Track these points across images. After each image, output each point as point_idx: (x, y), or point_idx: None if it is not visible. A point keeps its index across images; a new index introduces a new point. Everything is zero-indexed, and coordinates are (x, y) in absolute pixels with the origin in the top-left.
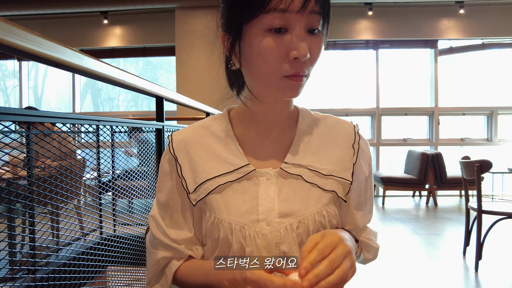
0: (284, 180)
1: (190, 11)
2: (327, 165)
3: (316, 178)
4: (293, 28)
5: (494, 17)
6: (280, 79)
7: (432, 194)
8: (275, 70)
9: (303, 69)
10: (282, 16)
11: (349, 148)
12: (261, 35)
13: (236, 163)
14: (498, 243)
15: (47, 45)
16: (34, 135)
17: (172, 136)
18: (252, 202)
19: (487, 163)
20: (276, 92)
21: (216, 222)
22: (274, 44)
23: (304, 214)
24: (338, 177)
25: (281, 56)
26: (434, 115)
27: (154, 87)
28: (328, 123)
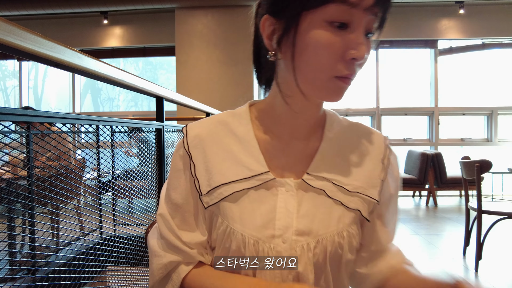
0: (304, 193)
1: (190, 11)
2: (353, 181)
3: (340, 194)
4: (355, 26)
5: (494, 17)
6: (330, 79)
7: (432, 194)
8: (328, 68)
9: (355, 70)
10: (349, 11)
11: (378, 162)
12: (321, 27)
13: (255, 169)
14: (498, 243)
15: (47, 45)
16: (34, 135)
17: (187, 129)
18: (269, 216)
19: (487, 163)
20: (320, 93)
21: (228, 232)
22: (334, 40)
23: (324, 234)
24: (364, 195)
25: (338, 54)
26: (434, 115)
27: (154, 87)
28: (358, 132)
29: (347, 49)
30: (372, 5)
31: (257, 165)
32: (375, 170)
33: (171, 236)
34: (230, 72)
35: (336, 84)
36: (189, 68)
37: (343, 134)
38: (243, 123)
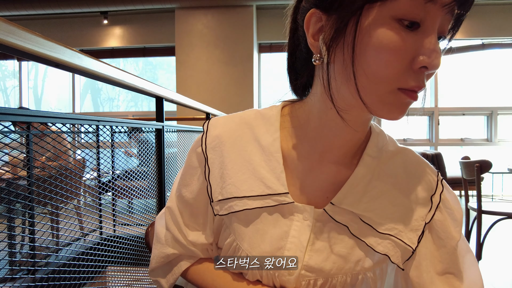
0: (323, 226)
1: (190, 11)
2: (386, 220)
3: (367, 232)
4: (428, 26)
5: (494, 17)
6: (392, 92)
7: None
8: (391, 78)
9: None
10: (424, 6)
11: (425, 200)
12: (388, 26)
13: (273, 187)
14: (498, 244)
15: (47, 45)
16: (34, 135)
17: (209, 125)
18: (279, 243)
19: (487, 163)
20: (377, 108)
21: (234, 247)
22: (403, 42)
23: (336, 274)
24: (397, 239)
25: (406, 60)
26: (434, 115)
27: (154, 87)
28: (405, 160)
29: (417, 55)
30: (452, 0)
31: (277, 184)
32: (419, 209)
33: (176, 231)
34: (230, 72)
35: (399, 99)
36: (189, 68)
37: (386, 161)
38: (271, 131)
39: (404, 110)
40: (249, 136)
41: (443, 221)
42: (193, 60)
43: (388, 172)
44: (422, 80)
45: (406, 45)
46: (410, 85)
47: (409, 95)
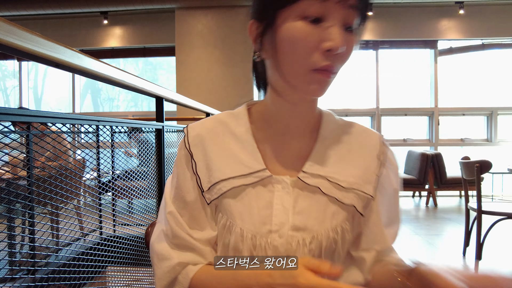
0: (300, 190)
1: (190, 12)
2: (348, 177)
3: (335, 190)
4: (330, 19)
5: (494, 18)
6: (308, 73)
7: (432, 195)
8: (304, 61)
9: (334, 62)
10: (321, 4)
11: (373, 158)
12: (295, 22)
13: (252, 166)
14: (498, 244)
15: (47, 45)
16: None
17: (188, 129)
18: (266, 212)
19: (487, 164)
20: (301, 87)
21: (228, 226)
22: (307, 32)
23: (319, 230)
24: (359, 191)
25: (313, 45)
26: (434, 115)
27: (154, 87)
28: (353, 130)
29: (322, 40)
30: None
31: (255, 163)
32: (371, 166)
33: (182, 233)
34: (230, 72)
35: (314, 77)
36: (189, 68)
37: (339, 133)
38: (241, 123)
39: (321, 87)
40: (225, 130)
41: (386, 175)
42: (193, 60)
43: (343, 141)
44: (331, 60)
45: (312, 33)
46: (321, 65)
47: (322, 74)
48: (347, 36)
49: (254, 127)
